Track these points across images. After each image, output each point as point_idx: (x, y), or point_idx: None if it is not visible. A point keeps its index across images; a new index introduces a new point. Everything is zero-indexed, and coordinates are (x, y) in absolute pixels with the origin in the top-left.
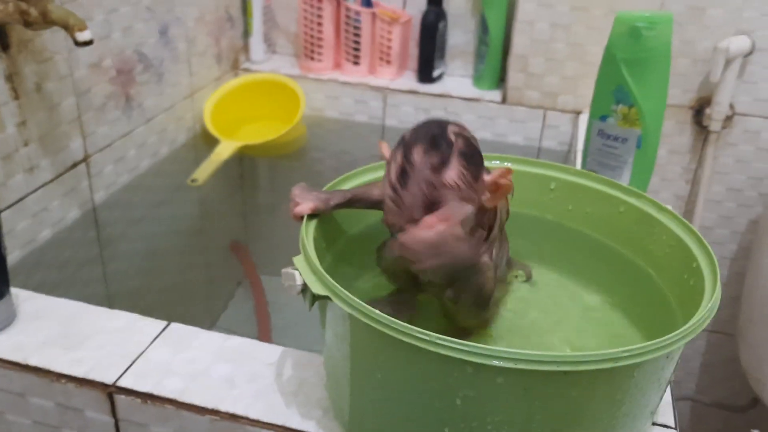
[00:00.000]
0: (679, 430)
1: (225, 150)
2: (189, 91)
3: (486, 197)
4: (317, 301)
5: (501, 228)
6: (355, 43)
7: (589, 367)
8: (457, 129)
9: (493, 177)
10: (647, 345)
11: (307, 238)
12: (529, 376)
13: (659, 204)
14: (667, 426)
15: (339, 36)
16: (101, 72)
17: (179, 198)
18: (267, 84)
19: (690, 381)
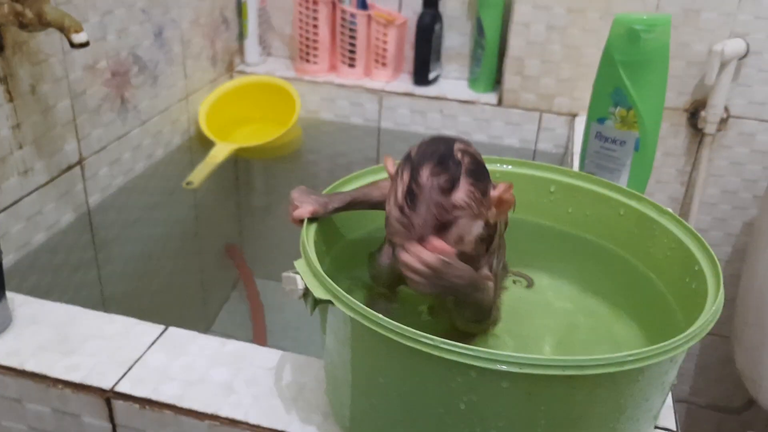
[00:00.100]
0: None
1: (220, 152)
2: (184, 94)
3: (492, 213)
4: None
5: (500, 236)
6: (351, 46)
7: (595, 372)
8: (463, 146)
9: (498, 192)
10: (652, 349)
11: (308, 241)
12: (534, 380)
13: (660, 206)
14: (669, 429)
15: (334, 38)
16: (96, 74)
17: (174, 201)
18: (262, 86)
19: (684, 383)
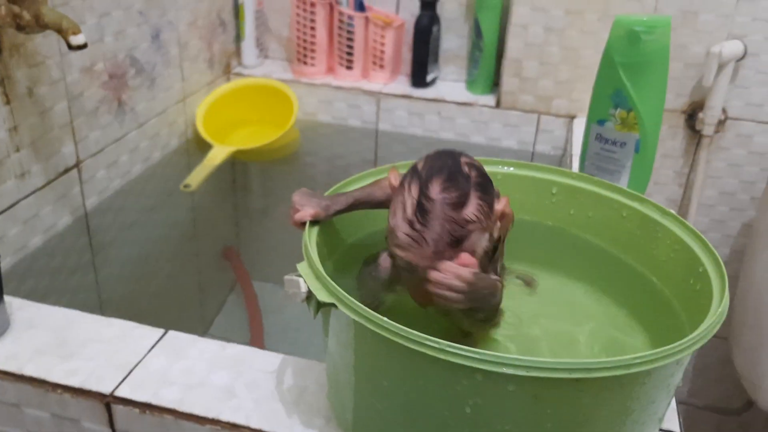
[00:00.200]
0: None
1: (218, 155)
2: (181, 96)
3: (497, 226)
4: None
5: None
6: (349, 48)
7: (602, 374)
8: (468, 159)
9: (501, 207)
10: (659, 351)
11: (311, 244)
12: (541, 383)
13: (662, 208)
14: None
15: (332, 40)
16: (93, 76)
17: (172, 203)
18: (259, 88)
19: (683, 385)
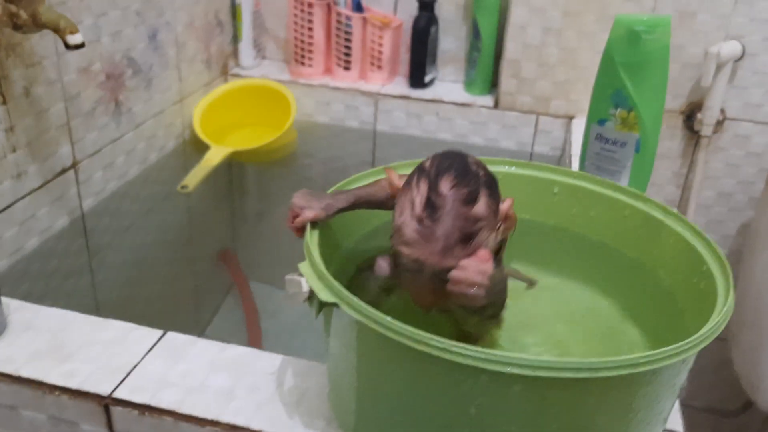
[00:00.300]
0: None
1: (215, 156)
2: (178, 97)
3: (502, 227)
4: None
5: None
6: (346, 48)
7: (608, 374)
8: (475, 159)
9: (507, 207)
10: (665, 350)
11: (312, 243)
12: (547, 383)
13: (665, 207)
14: None
15: (330, 41)
16: (90, 77)
17: (169, 205)
18: (257, 89)
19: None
